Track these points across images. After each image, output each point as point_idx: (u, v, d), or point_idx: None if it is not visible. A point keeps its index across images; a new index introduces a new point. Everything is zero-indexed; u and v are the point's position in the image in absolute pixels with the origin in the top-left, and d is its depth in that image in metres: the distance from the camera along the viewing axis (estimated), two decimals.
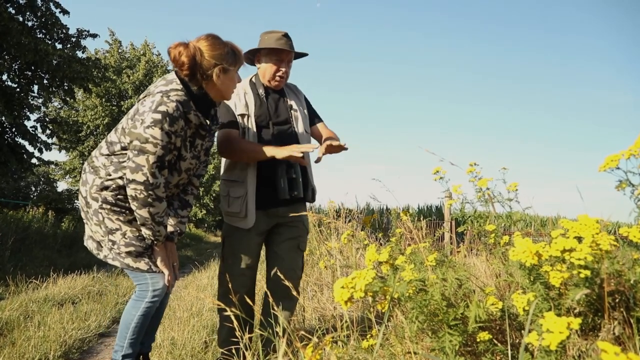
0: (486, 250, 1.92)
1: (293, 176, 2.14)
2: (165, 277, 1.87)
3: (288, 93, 2.38)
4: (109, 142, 1.87)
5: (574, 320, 0.79)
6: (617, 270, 1.04)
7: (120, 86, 17.59)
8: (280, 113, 2.29)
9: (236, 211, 2.16)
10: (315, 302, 3.18)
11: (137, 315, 1.85)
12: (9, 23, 7.49)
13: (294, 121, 2.31)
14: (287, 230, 2.27)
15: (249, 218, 2.14)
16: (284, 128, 2.27)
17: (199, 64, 1.78)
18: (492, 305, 1.22)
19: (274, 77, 2.25)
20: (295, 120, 2.31)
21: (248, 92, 2.25)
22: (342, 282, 1.06)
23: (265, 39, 2.23)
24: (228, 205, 2.20)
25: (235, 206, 2.16)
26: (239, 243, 2.18)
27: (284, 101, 2.33)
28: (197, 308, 3.87)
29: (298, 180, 2.16)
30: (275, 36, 2.21)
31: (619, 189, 1.10)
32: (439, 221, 9.84)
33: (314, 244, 4.30)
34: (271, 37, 2.22)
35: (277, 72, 2.23)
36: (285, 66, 2.24)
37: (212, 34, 1.85)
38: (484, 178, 1.75)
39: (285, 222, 2.25)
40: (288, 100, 2.34)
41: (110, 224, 1.80)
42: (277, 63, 2.22)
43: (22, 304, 3.75)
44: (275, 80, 2.25)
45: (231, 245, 2.20)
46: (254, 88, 2.29)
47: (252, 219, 2.15)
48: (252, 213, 2.14)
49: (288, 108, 2.32)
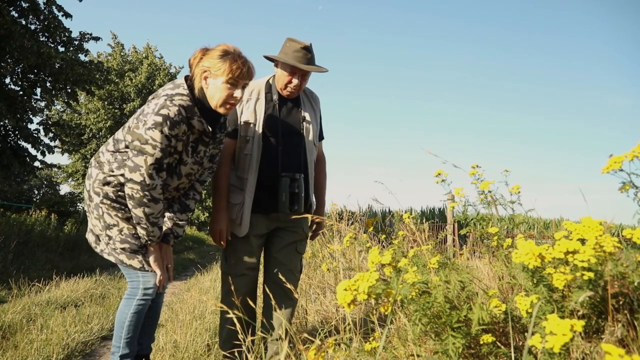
0: (489, 253, 1.92)
1: (295, 191, 2.12)
2: (157, 276, 1.88)
3: (304, 102, 2.29)
4: (115, 139, 1.90)
5: (578, 323, 0.79)
6: (620, 273, 1.04)
7: (122, 89, 17.64)
8: (292, 123, 2.22)
9: (232, 217, 2.16)
10: (317, 304, 3.17)
11: (129, 314, 1.87)
12: (12, 26, 7.52)
13: (304, 133, 2.24)
14: (287, 235, 2.26)
15: (243, 226, 2.14)
16: (293, 139, 2.21)
17: (192, 67, 1.83)
18: (495, 308, 1.22)
19: (286, 88, 2.17)
20: (306, 132, 2.24)
21: (261, 98, 2.19)
22: (345, 285, 1.06)
23: (287, 46, 2.14)
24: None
25: (232, 212, 2.16)
26: (240, 245, 2.19)
27: (298, 111, 2.25)
28: (200, 311, 3.87)
29: (300, 195, 2.14)
30: (295, 47, 2.11)
31: (622, 190, 1.09)
32: (441, 224, 9.83)
33: (316, 247, 4.30)
34: (291, 47, 2.12)
35: (289, 83, 2.15)
36: (298, 78, 2.14)
37: (226, 44, 1.85)
38: (486, 180, 1.75)
39: (285, 226, 2.24)
40: (302, 111, 2.26)
41: (108, 219, 1.84)
42: (290, 75, 2.14)
43: (25, 307, 3.75)
44: (287, 90, 2.18)
45: (233, 246, 2.20)
46: (268, 92, 2.22)
47: (245, 227, 2.13)
48: (246, 221, 2.13)
49: (301, 119, 2.24)
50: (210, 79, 1.81)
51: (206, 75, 1.80)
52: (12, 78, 8.91)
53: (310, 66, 2.13)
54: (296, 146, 2.22)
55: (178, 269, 8.46)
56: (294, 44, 2.12)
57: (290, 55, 2.10)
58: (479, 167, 1.77)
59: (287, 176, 2.12)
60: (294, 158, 2.20)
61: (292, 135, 2.21)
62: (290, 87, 2.16)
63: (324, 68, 2.18)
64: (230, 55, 1.80)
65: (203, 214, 27.78)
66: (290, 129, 2.21)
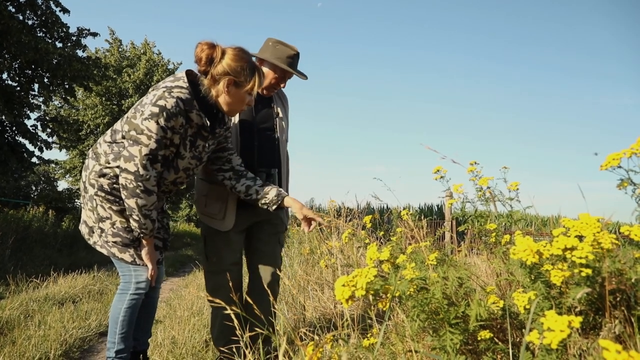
0: (487, 250, 1.92)
1: None
2: (149, 270, 1.88)
3: (276, 100, 2.35)
4: (113, 129, 1.91)
5: (575, 319, 0.79)
6: (618, 269, 1.04)
7: (120, 85, 17.56)
8: (266, 119, 2.26)
9: (214, 212, 2.16)
10: (316, 300, 3.18)
11: (123, 309, 1.87)
12: (9, 21, 7.49)
13: (278, 129, 2.28)
14: (268, 227, 2.28)
15: (227, 220, 2.14)
16: (267, 134, 2.25)
17: (215, 65, 1.80)
18: (493, 304, 1.22)
19: (270, 90, 2.23)
20: (279, 128, 2.29)
21: None
22: (343, 280, 1.06)
23: (277, 49, 2.17)
24: (205, 205, 2.19)
25: (214, 207, 2.16)
26: (220, 241, 2.18)
27: (271, 107, 2.30)
28: (198, 307, 3.87)
29: None
30: (288, 53, 2.16)
31: (620, 187, 1.10)
32: (439, 220, 9.84)
33: (314, 243, 4.30)
34: (284, 51, 2.16)
35: (275, 86, 2.23)
36: (284, 82, 2.24)
37: (242, 47, 1.87)
38: (484, 177, 1.75)
39: (265, 219, 2.25)
40: (275, 107, 2.31)
41: (102, 211, 1.84)
42: (279, 79, 2.21)
43: (23, 303, 3.75)
44: (270, 91, 2.25)
45: (213, 243, 2.20)
46: None
47: (230, 221, 2.14)
48: (231, 215, 2.13)
49: (275, 115, 2.30)
50: (232, 86, 1.82)
51: (229, 82, 1.81)
52: (10, 74, 8.87)
53: (299, 73, 2.21)
54: (271, 141, 2.25)
55: (176, 265, 8.46)
56: (286, 49, 2.16)
57: (284, 60, 2.15)
58: (477, 163, 1.77)
59: (264, 171, 2.16)
60: (269, 153, 2.24)
61: (266, 130, 2.25)
62: (276, 88, 2.24)
63: (305, 76, 2.27)
64: (256, 68, 1.86)
65: None
66: (265, 125, 2.25)
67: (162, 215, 2.03)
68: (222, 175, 2.06)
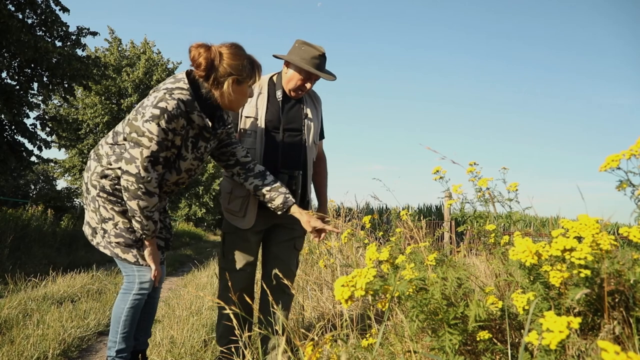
0: (486, 250, 1.92)
1: (293, 188, 2.15)
2: (152, 271, 1.89)
3: (306, 100, 2.30)
4: (115, 131, 1.91)
5: (574, 320, 0.79)
6: (617, 270, 1.04)
7: (120, 84, 17.54)
8: (294, 120, 2.22)
9: (235, 209, 2.16)
10: (315, 301, 3.18)
11: (126, 309, 1.88)
12: (9, 20, 7.47)
13: (305, 130, 2.24)
14: (285, 231, 2.27)
15: (248, 218, 2.14)
16: (295, 136, 2.21)
17: (216, 68, 1.78)
18: (492, 305, 1.22)
19: (296, 91, 2.18)
20: (307, 129, 2.25)
21: (263, 93, 2.19)
22: (342, 281, 1.06)
23: (303, 50, 2.12)
24: (228, 202, 2.20)
25: (236, 204, 2.16)
26: (238, 240, 2.19)
27: (300, 108, 2.26)
28: (197, 307, 3.87)
29: (297, 193, 2.16)
30: (313, 53, 2.11)
31: (619, 189, 1.10)
32: (438, 221, 9.85)
33: (313, 243, 4.30)
34: (309, 52, 2.11)
35: (301, 87, 2.17)
36: (311, 83, 2.18)
37: (236, 43, 1.85)
38: (484, 178, 1.75)
39: (283, 223, 2.24)
40: (304, 108, 2.27)
41: (104, 212, 1.84)
42: (304, 80, 2.15)
43: (21, 302, 3.75)
44: (297, 93, 2.20)
45: (231, 242, 2.20)
46: (271, 88, 2.22)
47: (251, 219, 2.14)
48: (252, 214, 2.14)
49: (303, 116, 2.25)
50: (235, 84, 1.82)
51: (232, 81, 1.80)
52: (9, 72, 8.85)
53: (326, 74, 2.15)
54: (297, 143, 2.22)
55: (175, 265, 8.45)
56: (312, 50, 2.11)
57: (309, 61, 2.10)
58: (477, 164, 1.78)
59: (286, 173, 2.13)
60: (294, 155, 2.21)
61: (294, 131, 2.21)
62: (302, 90, 2.18)
63: (333, 76, 2.20)
64: (256, 62, 1.86)
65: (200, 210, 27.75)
66: (292, 126, 2.22)
67: (163, 215, 2.03)
68: (231, 172, 2.06)
